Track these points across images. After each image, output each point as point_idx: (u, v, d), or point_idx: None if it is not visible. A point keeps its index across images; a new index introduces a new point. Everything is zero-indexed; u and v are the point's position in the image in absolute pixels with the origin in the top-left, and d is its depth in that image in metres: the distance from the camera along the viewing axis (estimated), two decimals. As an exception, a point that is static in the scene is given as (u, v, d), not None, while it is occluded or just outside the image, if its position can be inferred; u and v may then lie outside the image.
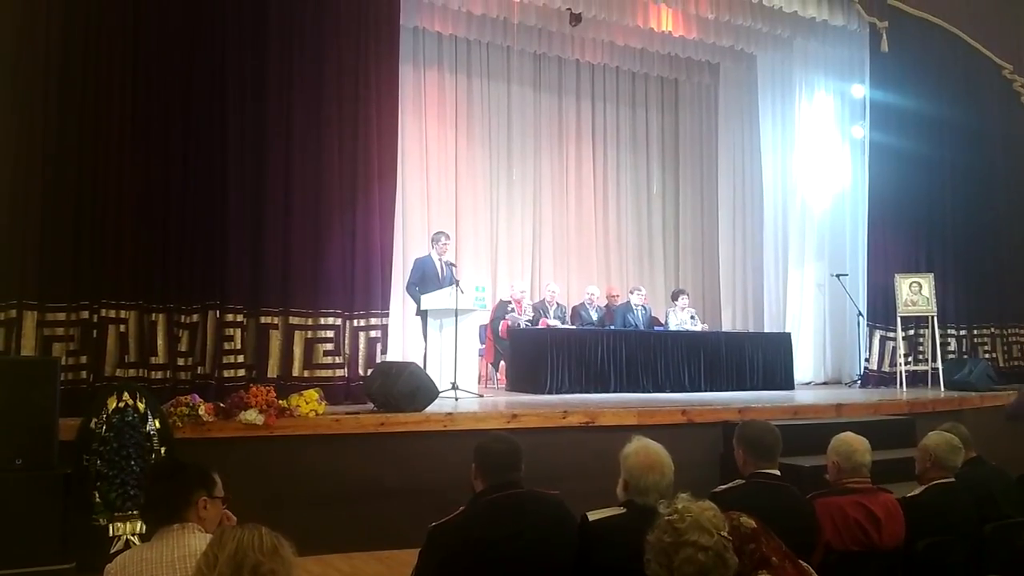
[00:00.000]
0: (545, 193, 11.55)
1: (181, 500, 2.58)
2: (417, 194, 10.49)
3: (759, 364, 9.22)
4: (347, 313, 6.94)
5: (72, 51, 6.10)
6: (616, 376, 8.54)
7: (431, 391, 6.25)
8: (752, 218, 11.79)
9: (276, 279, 6.67)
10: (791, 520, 2.96)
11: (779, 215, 11.20)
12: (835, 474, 3.60)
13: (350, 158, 7.04)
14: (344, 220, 6.97)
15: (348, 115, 7.05)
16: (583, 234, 11.75)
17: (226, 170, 6.53)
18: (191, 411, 5.32)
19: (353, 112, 7.08)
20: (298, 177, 6.79)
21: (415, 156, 10.44)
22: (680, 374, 8.86)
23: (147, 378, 6.08)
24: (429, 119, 10.69)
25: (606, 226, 11.99)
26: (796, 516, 3.21)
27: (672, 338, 9.12)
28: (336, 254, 6.91)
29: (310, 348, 6.75)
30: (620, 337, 8.83)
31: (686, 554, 2.08)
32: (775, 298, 11.20)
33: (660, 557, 2.11)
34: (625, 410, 6.51)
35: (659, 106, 12.56)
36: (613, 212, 12.08)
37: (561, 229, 11.62)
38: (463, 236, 10.75)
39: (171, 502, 2.58)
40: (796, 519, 3.16)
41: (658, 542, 2.12)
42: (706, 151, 12.52)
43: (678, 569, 2.08)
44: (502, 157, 11.25)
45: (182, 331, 6.32)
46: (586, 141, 11.94)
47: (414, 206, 10.42)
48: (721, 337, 9.66)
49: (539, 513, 2.90)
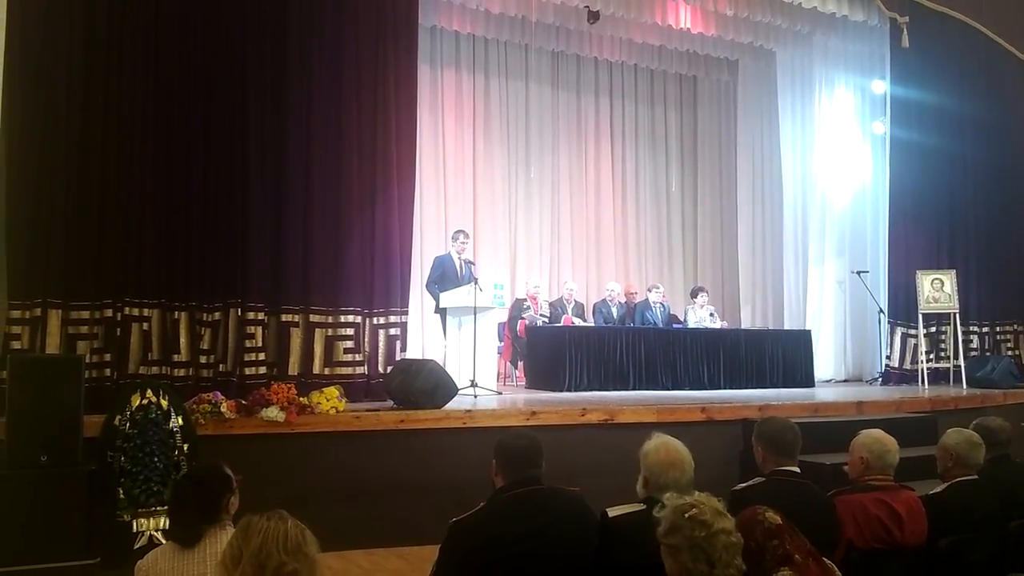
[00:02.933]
0: (563, 191, 11.54)
1: (213, 507, 2.73)
2: (435, 193, 10.54)
3: (779, 361, 9.19)
4: (367, 311, 6.98)
5: (95, 49, 6.12)
6: (635, 374, 8.53)
7: (450, 388, 6.27)
8: (772, 215, 11.73)
9: (296, 277, 6.69)
10: (812, 517, 2.93)
11: (799, 212, 11.13)
12: (859, 471, 3.56)
13: (369, 157, 7.07)
14: (363, 219, 7.00)
15: (367, 115, 7.07)
16: (601, 232, 11.76)
17: (247, 169, 6.55)
18: (213, 408, 5.35)
19: (372, 111, 7.10)
20: (318, 176, 6.81)
21: (433, 155, 10.48)
22: (699, 372, 8.84)
23: (170, 376, 6.12)
24: (447, 118, 10.72)
25: (624, 224, 11.98)
26: (817, 513, 3.19)
27: (691, 336, 9.10)
28: (356, 252, 6.93)
29: (330, 346, 6.76)
30: (639, 335, 8.82)
31: (722, 541, 2.12)
32: (795, 295, 11.14)
33: (697, 553, 2.12)
34: (644, 408, 6.49)
35: (678, 103, 12.53)
36: (631, 210, 12.05)
37: (579, 227, 11.62)
38: (481, 234, 10.77)
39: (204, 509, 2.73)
40: (817, 516, 3.14)
41: (690, 539, 2.13)
42: (725, 148, 12.46)
43: (720, 559, 2.11)
44: (520, 155, 11.26)
45: (204, 329, 6.34)
46: (604, 139, 11.94)
47: (432, 204, 10.46)
48: (740, 334, 9.63)
49: (559, 509, 2.89)
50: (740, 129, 12.17)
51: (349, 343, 6.84)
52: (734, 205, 12.18)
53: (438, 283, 8.03)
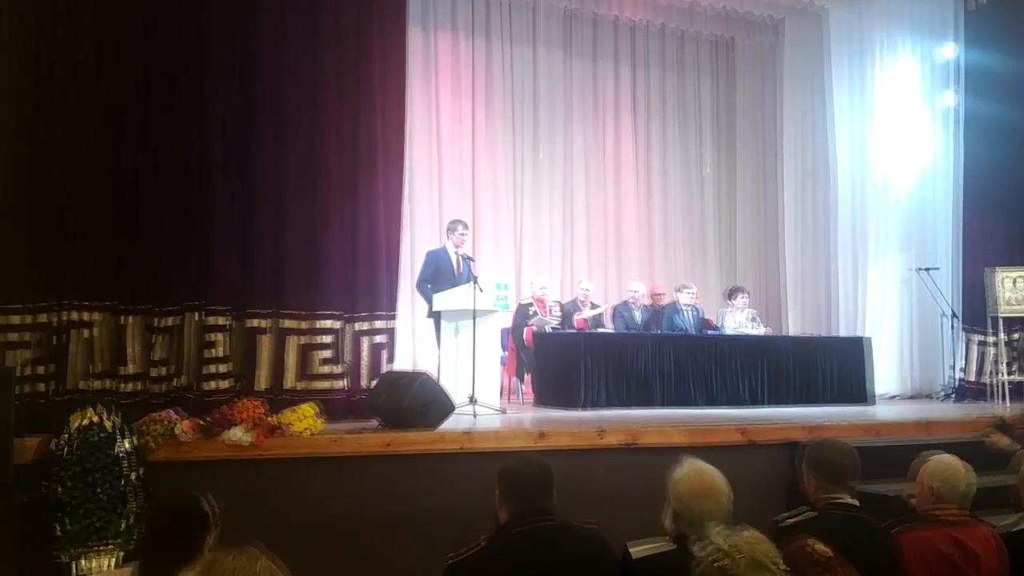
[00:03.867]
0: (577, 175, 11.52)
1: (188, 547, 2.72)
2: (428, 178, 10.54)
3: (831, 374, 9.19)
4: (348, 315, 6.99)
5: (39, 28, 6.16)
6: (662, 388, 8.54)
7: (445, 406, 6.29)
8: (822, 202, 11.68)
9: (266, 276, 6.72)
10: (871, 556, 2.97)
11: (854, 198, 11.10)
12: (928, 502, 3.57)
13: (351, 138, 7.10)
14: (344, 208, 7.02)
15: (348, 89, 7.11)
16: (622, 223, 11.76)
17: (208, 154, 6.59)
18: (168, 429, 5.34)
19: (354, 85, 7.13)
20: (291, 160, 6.85)
21: (425, 134, 10.50)
22: (738, 386, 8.85)
23: (117, 391, 6.13)
24: (442, 90, 10.71)
25: (649, 213, 11.94)
26: (877, 552, 3.20)
27: (728, 344, 9.08)
28: (335, 247, 6.95)
29: (305, 356, 6.79)
30: (666, 342, 8.79)
31: None
32: (850, 296, 11.12)
33: None
34: (673, 428, 6.51)
35: (712, 71, 12.51)
36: (657, 197, 12.02)
37: (597, 217, 11.61)
38: (482, 226, 10.80)
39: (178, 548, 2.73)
40: (877, 556, 3.16)
41: None
42: (767, 124, 12.43)
43: None
44: (527, 134, 11.25)
45: (158, 336, 6.37)
46: (626, 114, 11.92)
47: (425, 191, 10.47)
48: (786, 342, 9.58)
49: (574, 547, 2.91)
50: (785, 101, 12.09)
51: (327, 353, 6.85)
52: (778, 191, 12.15)
53: (431, 282, 8.00)
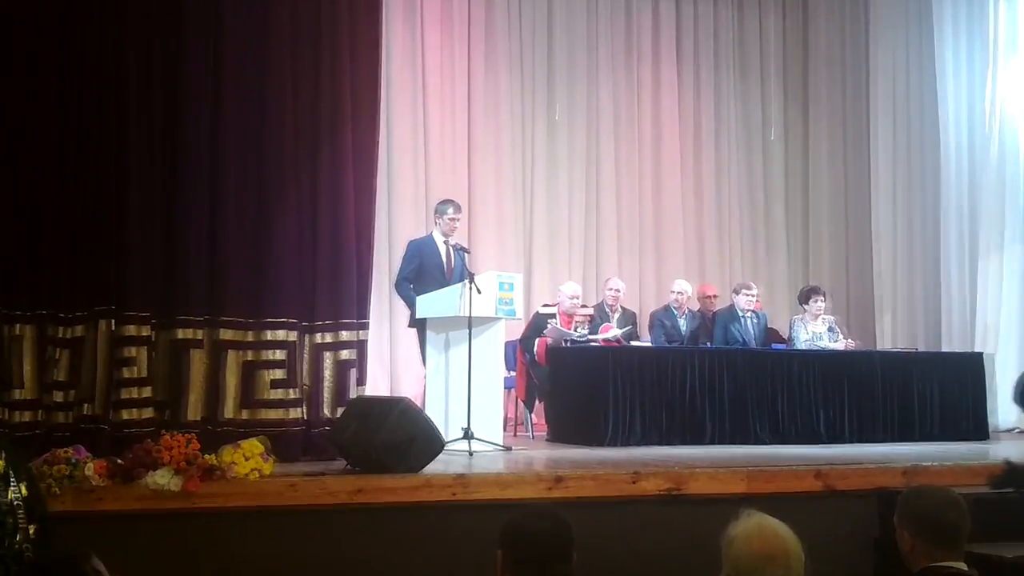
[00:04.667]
0: (604, 142, 11.56)
1: None
2: (411, 146, 10.63)
3: (935, 401, 9.18)
4: (306, 324, 7.00)
5: None
6: (714, 419, 8.53)
7: (432, 442, 6.26)
8: (924, 178, 11.79)
9: (199, 274, 6.74)
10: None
11: (967, 172, 11.19)
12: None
13: (309, 95, 7.12)
14: (300, 187, 7.05)
15: (306, 35, 7.12)
16: (662, 203, 11.90)
17: (124, 119, 6.61)
18: (74, 471, 5.28)
19: (313, 29, 7.14)
20: (232, 126, 6.88)
21: (409, 90, 10.59)
22: (812, 416, 8.83)
23: (7, 422, 6.15)
24: (428, 32, 10.80)
25: (698, 192, 12.05)
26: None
27: (800, 361, 9.05)
28: (289, 238, 6.96)
29: (250, 376, 6.80)
30: (721, 360, 8.76)
31: None
32: (961, 301, 11.22)
33: None
34: (729, 471, 6.50)
35: (779, 5, 12.49)
36: (708, 170, 12.08)
37: (629, 196, 11.75)
38: (481, 208, 10.93)
39: None
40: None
41: None
42: (851, 75, 12.56)
43: None
44: (539, 87, 11.40)
45: (60, 351, 6.39)
46: (667, 62, 12.01)
47: (407, 164, 10.55)
48: (876, 360, 9.50)
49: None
50: (875, 46, 12.19)
51: (279, 372, 6.86)
52: (865, 162, 12.29)
53: (414, 281, 8.03)
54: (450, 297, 7.55)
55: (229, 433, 6.32)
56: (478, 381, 7.37)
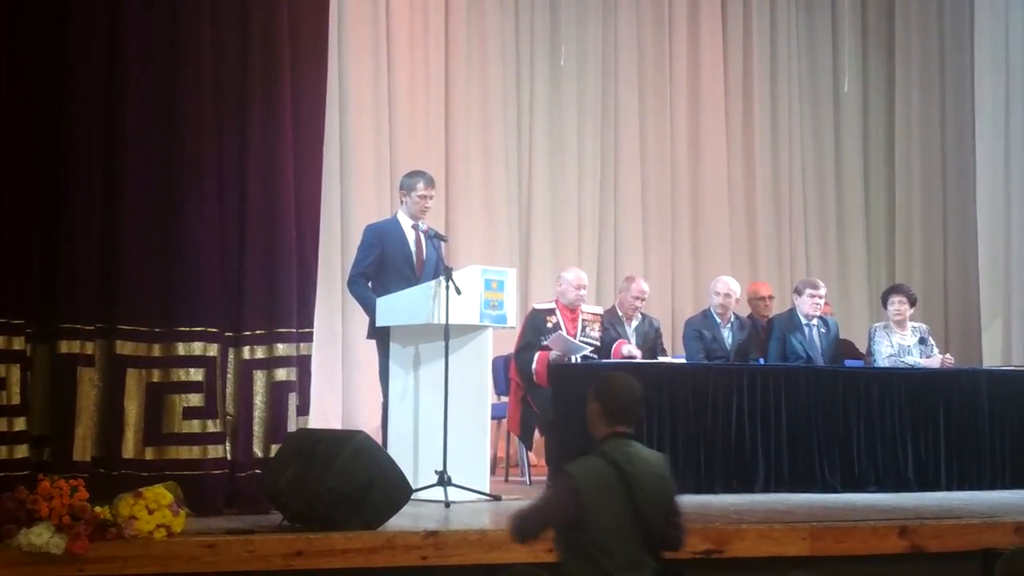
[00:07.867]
0: (625, 96, 11.48)
1: None
2: (370, 101, 10.56)
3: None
4: (230, 335, 7.11)
5: None
6: (768, 459, 8.61)
7: (396, 490, 6.41)
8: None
9: (89, 271, 6.80)
10: None
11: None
12: None
13: (236, 39, 7.23)
14: (223, 160, 7.11)
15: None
16: (700, 180, 11.78)
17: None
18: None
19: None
20: (133, 84, 6.95)
21: (367, 27, 10.54)
22: (897, 454, 8.89)
23: None
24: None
25: (747, 163, 11.96)
26: None
27: (882, 382, 9.02)
28: (207, 224, 7.03)
29: (157, 403, 6.88)
30: (776, 380, 8.75)
31: None
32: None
33: None
34: (786, 527, 6.69)
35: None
36: (763, 135, 12.00)
37: (655, 170, 11.57)
38: (461, 184, 10.88)
39: None
40: None
41: None
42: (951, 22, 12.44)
43: None
44: (538, 28, 11.29)
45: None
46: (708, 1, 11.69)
47: (364, 126, 10.53)
48: (981, 380, 9.45)
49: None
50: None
51: (195, 397, 6.96)
52: (969, 126, 12.23)
53: (373, 278, 8.03)
54: (421, 299, 7.56)
55: (128, 477, 6.55)
56: (457, 409, 7.42)
